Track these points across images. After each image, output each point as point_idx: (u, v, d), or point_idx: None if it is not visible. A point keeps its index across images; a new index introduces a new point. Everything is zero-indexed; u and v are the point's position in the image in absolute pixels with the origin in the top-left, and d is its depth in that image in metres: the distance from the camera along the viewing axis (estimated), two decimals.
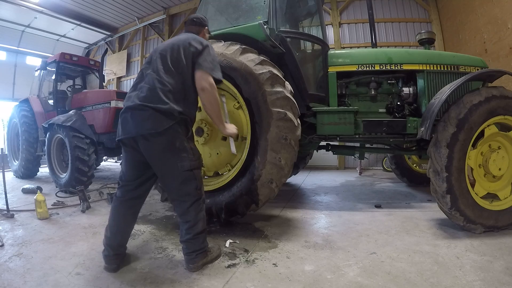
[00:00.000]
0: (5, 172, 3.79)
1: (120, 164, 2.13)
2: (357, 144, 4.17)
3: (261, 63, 2.71)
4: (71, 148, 4.51)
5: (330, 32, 7.64)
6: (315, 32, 4.15)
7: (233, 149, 2.49)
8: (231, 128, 2.26)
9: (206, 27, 2.36)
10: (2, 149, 3.78)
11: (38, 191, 3.54)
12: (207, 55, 2.04)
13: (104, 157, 7.72)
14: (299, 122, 2.76)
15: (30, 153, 6.04)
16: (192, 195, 2.00)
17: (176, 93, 1.96)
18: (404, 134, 3.35)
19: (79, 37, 11.01)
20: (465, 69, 3.43)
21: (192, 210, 2.01)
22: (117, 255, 2.04)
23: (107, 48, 10.83)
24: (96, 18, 9.95)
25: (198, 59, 2.01)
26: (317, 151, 4.84)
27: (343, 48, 7.61)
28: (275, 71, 2.72)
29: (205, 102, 2.03)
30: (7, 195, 3.49)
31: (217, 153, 3.01)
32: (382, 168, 7.14)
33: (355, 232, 2.76)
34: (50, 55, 9.34)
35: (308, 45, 3.95)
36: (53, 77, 6.06)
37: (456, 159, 2.52)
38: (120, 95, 5.21)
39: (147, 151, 1.94)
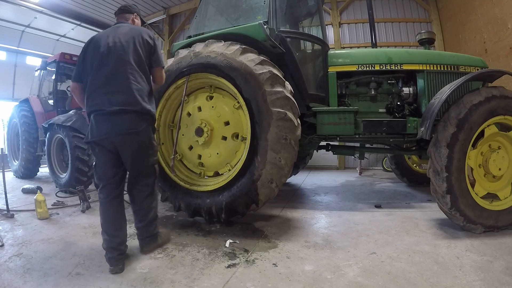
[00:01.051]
0: (5, 172, 3.79)
1: (94, 167, 2.24)
2: (357, 144, 4.17)
3: (261, 63, 2.71)
4: (71, 148, 4.52)
5: (330, 32, 7.64)
6: (315, 32, 4.15)
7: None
8: None
9: (136, 13, 2.51)
10: (2, 149, 3.78)
11: (38, 191, 3.55)
12: (158, 49, 2.28)
13: None
14: (299, 122, 2.76)
15: (30, 153, 6.04)
16: (151, 186, 2.28)
17: (147, 93, 2.17)
18: (404, 134, 3.35)
19: (79, 37, 10.99)
20: (465, 69, 3.43)
21: (149, 199, 2.27)
22: (121, 255, 2.07)
23: None
24: (96, 18, 9.93)
25: (154, 56, 2.24)
26: (317, 151, 4.84)
27: (343, 48, 7.60)
28: (275, 71, 2.72)
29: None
30: (7, 195, 3.49)
31: (217, 153, 3.01)
32: (382, 168, 7.14)
33: (355, 232, 2.76)
34: (50, 55, 9.34)
35: (308, 45, 3.95)
36: (53, 77, 6.06)
37: (456, 159, 2.52)
38: None
39: (124, 148, 2.12)
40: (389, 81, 3.54)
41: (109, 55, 2.09)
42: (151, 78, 2.31)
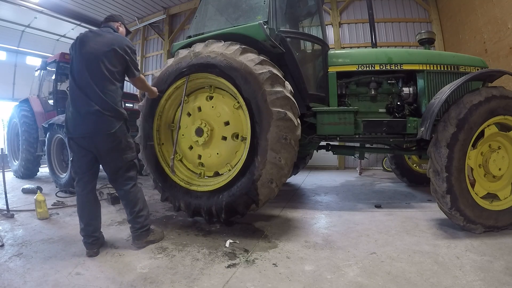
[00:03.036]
0: (5, 172, 3.80)
1: (71, 161, 2.49)
2: (357, 144, 4.17)
3: (261, 63, 2.71)
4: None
5: (330, 32, 7.64)
6: (315, 32, 4.15)
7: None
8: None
9: (120, 22, 2.70)
10: (2, 149, 3.78)
11: (38, 191, 3.54)
12: (134, 60, 2.49)
13: None
14: (299, 121, 2.76)
15: (30, 153, 6.04)
16: (133, 179, 2.46)
17: (120, 99, 2.40)
18: (404, 134, 3.35)
19: None
20: (465, 69, 3.43)
21: (134, 191, 2.44)
22: (95, 241, 2.33)
23: None
24: (96, 18, 9.93)
25: (130, 68, 2.46)
26: (317, 151, 4.84)
27: (343, 48, 7.61)
28: (275, 71, 2.71)
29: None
30: (7, 195, 3.49)
31: (217, 153, 3.01)
32: (382, 168, 7.14)
33: (355, 232, 2.76)
34: (50, 55, 9.34)
35: (308, 45, 3.95)
36: (53, 77, 6.06)
37: (456, 159, 2.52)
38: None
39: (100, 147, 2.31)
40: (389, 81, 3.54)
41: (91, 62, 2.28)
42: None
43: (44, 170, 6.79)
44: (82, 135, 2.29)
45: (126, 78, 2.55)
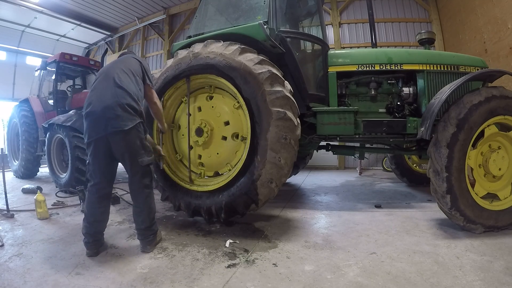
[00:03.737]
0: (5, 172, 3.80)
1: (87, 164, 2.42)
2: (357, 144, 4.17)
3: (260, 62, 2.71)
4: (71, 148, 4.51)
5: (330, 32, 7.64)
6: (315, 32, 4.15)
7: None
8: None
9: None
10: (2, 149, 3.78)
11: (38, 191, 3.54)
12: (149, 72, 2.63)
13: None
14: (298, 121, 2.76)
15: (30, 153, 6.04)
16: (149, 187, 2.38)
17: (139, 99, 2.42)
18: (404, 134, 3.35)
19: (79, 37, 11.01)
20: (465, 69, 3.43)
21: (149, 199, 2.37)
22: (95, 241, 2.31)
23: (107, 48, 10.82)
24: (96, 18, 9.94)
25: (147, 76, 2.59)
26: (317, 151, 4.84)
27: (343, 48, 7.61)
28: (275, 71, 2.71)
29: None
30: (7, 195, 3.49)
31: (217, 153, 3.01)
32: (382, 168, 7.14)
33: (355, 232, 2.76)
34: (50, 55, 9.35)
35: (308, 45, 3.95)
36: (53, 77, 6.06)
37: (456, 159, 2.52)
38: None
39: (115, 147, 2.26)
40: (389, 81, 3.53)
41: (116, 65, 2.44)
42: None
43: (44, 170, 6.79)
44: (95, 135, 2.22)
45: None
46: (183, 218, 3.27)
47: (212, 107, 3.05)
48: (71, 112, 5.26)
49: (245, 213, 2.81)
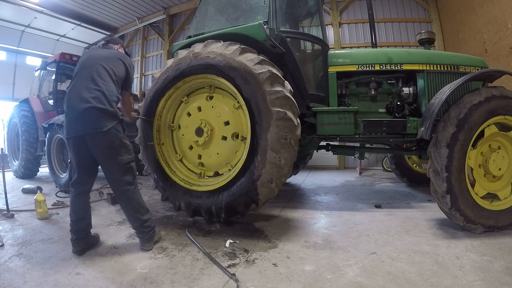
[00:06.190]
0: (5, 172, 3.80)
1: (69, 162, 2.45)
2: (357, 144, 4.17)
3: (260, 62, 2.71)
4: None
5: (330, 32, 7.64)
6: (315, 32, 4.15)
7: None
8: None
9: (120, 44, 2.84)
10: (2, 149, 3.78)
11: (38, 191, 3.54)
12: (131, 76, 2.61)
13: None
14: (298, 121, 2.76)
15: (30, 153, 6.04)
16: (132, 183, 2.36)
17: (115, 99, 2.38)
18: (404, 134, 3.34)
19: (79, 37, 11.00)
20: (465, 69, 3.43)
21: (135, 195, 2.37)
22: (80, 239, 2.32)
23: None
24: (96, 18, 9.94)
25: (130, 81, 2.60)
26: (317, 151, 4.84)
27: (343, 48, 7.61)
28: (275, 71, 2.71)
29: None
30: (7, 195, 3.49)
31: (217, 153, 3.01)
32: (382, 168, 7.14)
33: (355, 232, 2.76)
34: (50, 55, 9.34)
35: (308, 45, 3.95)
36: (53, 77, 6.07)
37: (456, 159, 2.52)
38: None
39: (94, 147, 2.26)
40: (389, 81, 3.54)
41: (94, 62, 2.38)
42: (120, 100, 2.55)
43: (44, 170, 6.78)
44: (74, 133, 2.25)
45: None
46: (183, 218, 3.27)
47: (212, 107, 3.05)
48: None
49: (245, 213, 2.81)
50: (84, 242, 2.35)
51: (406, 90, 3.47)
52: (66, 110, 2.29)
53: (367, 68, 3.49)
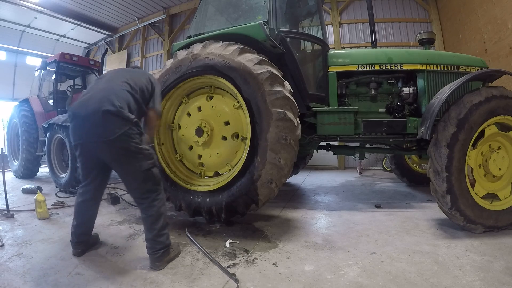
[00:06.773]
0: (5, 172, 3.79)
1: (78, 166, 2.40)
2: (357, 144, 4.17)
3: (259, 62, 2.70)
4: (71, 148, 4.51)
5: (330, 32, 7.64)
6: (315, 32, 4.15)
7: None
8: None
9: None
10: (2, 149, 3.78)
11: (38, 191, 3.54)
12: (158, 92, 2.52)
13: None
14: (298, 122, 2.76)
15: (30, 153, 6.04)
16: (153, 191, 2.15)
17: (132, 109, 2.21)
18: (404, 134, 3.34)
19: (79, 37, 11.01)
20: (465, 69, 3.43)
21: (156, 204, 2.14)
22: (79, 242, 2.30)
23: (107, 48, 10.83)
24: (96, 18, 9.94)
25: (156, 97, 2.46)
26: (317, 151, 4.84)
27: (343, 48, 7.61)
28: (274, 71, 2.71)
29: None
30: (7, 195, 3.49)
31: (217, 153, 3.01)
32: (382, 168, 7.14)
33: (355, 232, 2.76)
34: (50, 55, 9.35)
35: (308, 45, 3.95)
36: (53, 77, 6.07)
37: (456, 159, 2.52)
38: None
39: (102, 155, 2.14)
40: (389, 81, 3.54)
41: (119, 73, 2.42)
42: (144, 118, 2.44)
43: (44, 170, 6.79)
44: (79, 140, 2.11)
45: None
46: (183, 218, 3.27)
47: (212, 107, 3.05)
48: None
49: (245, 213, 2.81)
50: (84, 245, 2.34)
51: (406, 90, 3.47)
52: (72, 116, 2.12)
53: (367, 68, 3.49)
